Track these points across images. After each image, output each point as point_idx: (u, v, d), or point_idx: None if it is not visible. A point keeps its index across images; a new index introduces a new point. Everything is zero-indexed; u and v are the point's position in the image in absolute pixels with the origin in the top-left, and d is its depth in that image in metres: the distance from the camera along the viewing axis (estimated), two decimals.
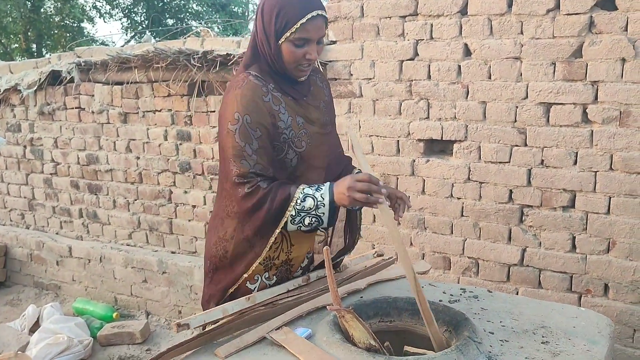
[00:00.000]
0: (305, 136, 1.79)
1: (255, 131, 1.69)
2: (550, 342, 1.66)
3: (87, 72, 4.07)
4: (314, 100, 1.88)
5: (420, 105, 2.90)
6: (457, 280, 2.95)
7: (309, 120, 1.82)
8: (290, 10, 1.66)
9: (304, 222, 1.69)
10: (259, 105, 1.70)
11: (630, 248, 2.52)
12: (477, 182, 2.82)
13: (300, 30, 1.67)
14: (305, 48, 1.70)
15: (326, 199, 1.67)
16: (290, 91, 1.79)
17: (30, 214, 4.76)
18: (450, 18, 2.75)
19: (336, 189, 1.66)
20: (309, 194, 1.68)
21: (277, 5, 1.68)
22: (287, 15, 1.66)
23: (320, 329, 1.68)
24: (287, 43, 1.70)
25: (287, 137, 1.75)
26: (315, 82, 1.92)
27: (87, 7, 17.07)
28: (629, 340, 2.59)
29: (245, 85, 1.71)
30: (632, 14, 2.37)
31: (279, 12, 1.67)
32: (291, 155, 1.77)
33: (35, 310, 3.84)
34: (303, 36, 1.68)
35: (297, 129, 1.77)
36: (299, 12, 1.66)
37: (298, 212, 1.68)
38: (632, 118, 2.43)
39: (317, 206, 1.67)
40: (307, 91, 1.86)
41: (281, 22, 1.67)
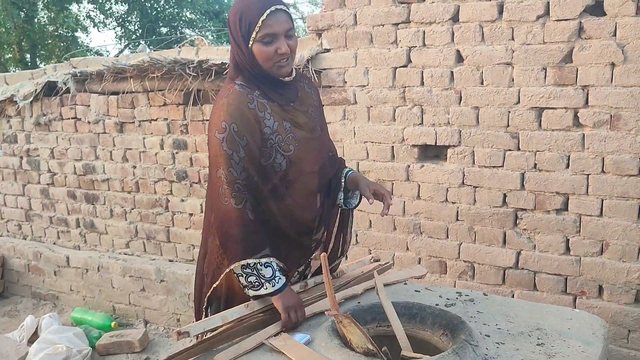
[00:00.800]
0: (293, 140, 1.83)
1: (242, 139, 1.74)
2: (546, 343, 1.68)
3: (83, 83, 4.09)
4: (302, 105, 1.91)
5: (414, 111, 2.93)
6: (454, 284, 2.98)
7: (296, 125, 1.85)
8: (250, 12, 1.73)
9: (248, 277, 1.79)
10: (245, 113, 1.75)
11: (623, 250, 2.55)
12: (471, 186, 2.85)
13: (263, 27, 1.72)
14: (275, 44, 1.75)
15: (278, 285, 1.80)
16: (276, 97, 1.83)
17: (28, 224, 4.77)
18: (442, 25, 2.79)
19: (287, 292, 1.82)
20: (272, 266, 1.80)
21: (238, 12, 1.76)
22: (249, 18, 1.73)
23: (318, 334, 1.70)
24: (257, 44, 1.75)
25: (274, 141, 1.80)
26: (302, 88, 1.95)
27: (81, 17, 17.07)
28: (624, 341, 2.62)
29: (231, 95, 1.77)
30: (620, 19, 2.41)
31: (240, 17, 1.75)
32: (280, 160, 1.81)
33: (33, 321, 3.84)
34: (267, 32, 1.73)
35: (284, 133, 1.81)
36: (258, 11, 1.72)
37: (254, 268, 1.78)
38: (622, 121, 2.47)
39: (269, 279, 1.78)
40: (294, 97, 1.89)
41: (245, 26, 1.74)
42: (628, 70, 2.42)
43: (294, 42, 1.79)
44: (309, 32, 3.22)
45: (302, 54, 3.11)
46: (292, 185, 1.86)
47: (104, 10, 16.59)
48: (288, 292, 1.82)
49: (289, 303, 1.79)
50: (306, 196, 1.91)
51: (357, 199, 2.11)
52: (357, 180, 2.04)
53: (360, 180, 2.03)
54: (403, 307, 1.82)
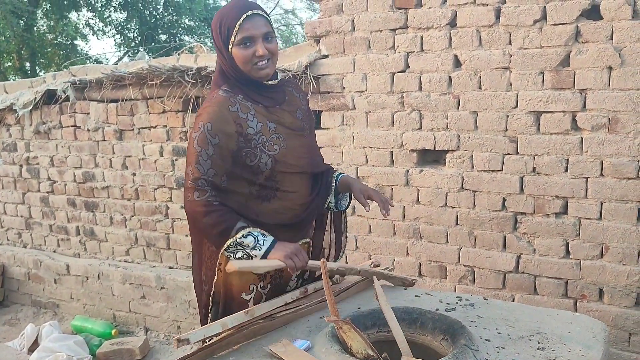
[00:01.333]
0: (278, 140, 1.88)
1: (214, 137, 1.79)
2: (546, 347, 1.68)
3: (82, 91, 4.10)
4: (290, 107, 1.97)
5: (412, 116, 2.94)
6: (454, 289, 2.97)
7: (282, 125, 1.90)
8: (229, 18, 1.82)
9: (235, 254, 1.79)
10: (223, 114, 1.81)
11: (623, 252, 2.55)
12: (470, 190, 2.86)
13: (240, 31, 1.80)
14: (253, 47, 1.82)
15: (265, 245, 1.79)
16: (260, 100, 1.89)
17: (27, 232, 4.77)
18: (440, 30, 2.80)
19: (279, 245, 1.80)
20: (252, 234, 1.79)
21: (218, 19, 1.85)
22: (227, 23, 1.82)
23: (319, 340, 1.70)
24: (235, 48, 1.82)
25: (258, 142, 1.84)
26: (290, 92, 2.01)
27: (80, 25, 17.12)
28: (625, 345, 2.62)
29: (213, 100, 1.84)
30: (616, 23, 2.42)
31: (220, 24, 1.84)
32: (265, 159, 1.85)
33: (33, 329, 3.84)
34: (244, 35, 1.80)
35: (269, 133, 1.86)
36: (236, 15, 1.81)
37: (236, 244, 1.79)
38: (620, 124, 2.47)
39: (253, 247, 1.79)
40: (281, 100, 1.95)
41: (224, 31, 1.82)
42: (625, 73, 2.43)
43: (273, 45, 1.86)
44: (307, 38, 3.23)
45: (300, 60, 3.13)
46: (283, 187, 1.91)
47: (103, 18, 16.64)
48: (279, 245, 1.81)
49: (285, 252, 1.78)
50: (295, 196, 1.94)
51: (347, 200, 2.15)
52: (349, 184, 2.08)
53: (353, 185, 2.06)
54: (403, 312, 1.82)
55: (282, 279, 1.99)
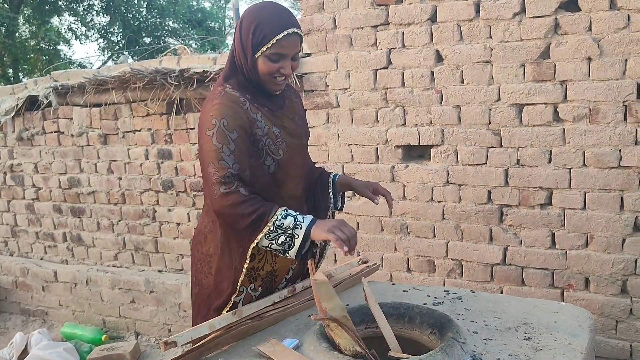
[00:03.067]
0: (283, 145, 1.85)
1: (232, 133, 1.72)
2: (533, 337, 1.69)
3: (65, 96, 4.06)
4: (290, 113, 1.95)
5: (396, 112, 2.94)
6: (442, 283, 2.99)
7: (286, 130, 1.88)
8: (268, 26, 1.73)
9: (278, 240, 1.70)
10: (237, 110, 1.75)
11: (607, 241, 2.58)
12: (456, 184, 2.87)
13: (275, 45, 1.74)
14: (280, 63, 1.77)
15: (306, 222, 1.69)
16: (266, 103, 1.85)
17: (14, 240, 4.72)
18: (421, 26, 2.81)
19: (319, 222, 1.70)
20: (291, 214, 1.71)
21: (255, 20, 1.75)
22: (264, 31, 1.73)
23: (307, 338, 1.70)
24: (263, 57, 1.76)
25: (265, 144, 1.80)
26: (290, 97, 1.99)
27: (62, 30, 16.99)
28: (612, 332, 2.64)
29: (223, 96, 1.77)
30: (594, 14, 2.44)
31: (256, 27, 1.74)
32: (269, 162, 1.82)
33: (23, 338, 3.81)
34: (278, 51, 1.75)
35: (274, 137, 1.82)
36: (276, 28, 1.73)
37: (276, 227, 1.69)
38: (601, 115, 2.50)
39: (295, 226, 1.68)
40: (282, 104, 1.93)
41: (258, 37, 1.74)
42: (604, 64, 2.45)
43: (296, 63, 1.83)
44: None
45: None
46: (280, 189, 1.88)
47: (86, 22, 16.53)
48: (320, 222, 1.70)
49: (328, 226, 1.66)
50: (294, 201, 1.93)
51: (342, 200, 2.16)
52: (349, 182, 2.09)
53: (354, 182, 2.08)
54: (391, 308, 1.82)
55: (273, 282, 1.98)
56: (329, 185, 2.11)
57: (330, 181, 2.11)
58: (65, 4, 15.90)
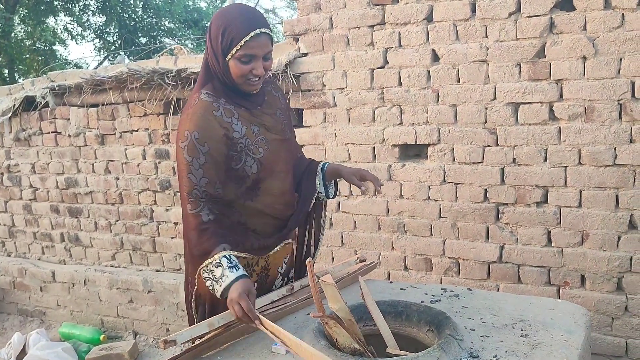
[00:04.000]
0: (263, 143, 1.88)
1: (203, 146, 1.76)
2: (529, 334, 1.71)
3: (62, 96, 4.07)
4: (269, 108, 1.96)
5: (393, 111, 2.96)
6: (440, 281, 3.00)
7: (265, 128, 1.90)
8: (235, 29, 1.75)
9: (207, 281, 1.78)
10: (209, 121, 1.78)
11: (603, 239, 2.60)
12: (452, 183, 2.89)
13: (244, 47, 1.75)
14: (252, 64, 1.78)
15: (225, 283, 1.72)
16: (243, 103, 1.87)
17: (11, 241, 4.72)
18: (417, 25, 2.82)
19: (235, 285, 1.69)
20: (222, 264, 1.73)
21: (222, 24, 1.77)
22: (232, 34, 1.75)
23: (306, 336, 1.71)
24: (234, 60, 1.78)
25: (244, 145, 1.83)
26: (270, 92, 2.00)
27: (58, 30, 16.94)
28: (608, 329, 2.66)
29: (196, 104, 1.80)
30: (589, 14, 2.46)
31: (224, 30, 1.76)
32: (250, 162, 1.85)
33: (21, 338, 3.81)
34: (247, 52, 1.76)
35: (253, 136, 1.85)
36: (243, 30, 1.74)
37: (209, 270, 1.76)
38: (596, 113, 2.52)
39: (218, 279, 1.73)
40: (261, 101, 1.94)
41: (227, 40, 1.76)
42: (599, 63, 2.47)
43: (269, 63, 1.84)
44: (286, 37, 3.24)
45: (279, 58, 3.13)
46: (264, 187, 1.91)
47: (82, 22, 16.47)
48: (235, 285, 1.70)
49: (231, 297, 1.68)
50: (280, 195, 1.95)
51: (334, 188, 2.17)
52: (338, 170, 2.09)
53: (342, 169, 2.08)
54: (388, 306, 1.84)
55: (267, 277, 2.00)
56: (317, 174, 2.10)
57: (319, 170, 2.10)
58: (61, 4, 15.85)
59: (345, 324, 1.56)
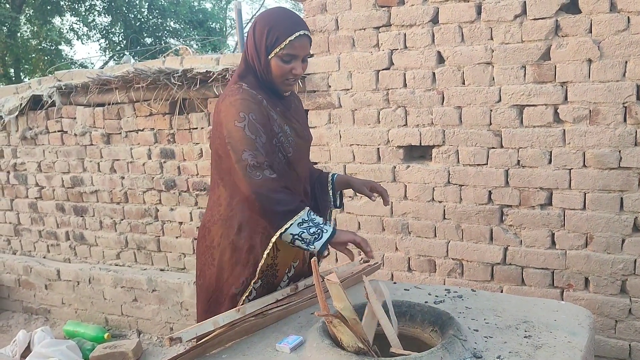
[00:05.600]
0: (293, 143, 1.94)
1: (262, 127, 1.83)
2: (533, 335, 1.72)
3: (68, 95, 4.09)
4: (296, 115, 2.05)
5: (397, 112, 2.97)
6: (443, 282, 3.01)
7: (294, 131, 1.98)
8: (281, 29, 1.85)
9: (310, 229, 1.80)
10: (260, 107, 1.85)
11: (607, 242, 2.60)
12: (457, 185, 2.89)
13: (288, 46, 1.85)
14: (292, 64, 1.88)
15: (332, 225, 1.86)
16: (277, 103, 1.95)
17: (17, 239, 4.75)
18: (423, 27, 2.83)
19: (341, 231, 1.87)
20: (318, 216, 1.85)
21: (268, 24, 1.87)
22: (277, 33, 1.85)
23: (310, 335, 1.73)
24: (276, 58, 1.86)
25: (278, 141, 1.90)
26: (293, 101, 2.09)
27: (64, 30, 17.02)
28: (612, 332, 2.66)
29: (243, 93, 1.86)
30: (595, 17, 2.46)
31: (270, 30, 1.85)
32: (280, 158, 1.91)
33: (25, 336, 3.82)
34: (290, 52, 1.86)
35: (286, 136, 1.92)
36: (288, 30, 1.85)
37: (310, 219, 1.81)
38: (601, 116, 2.52)
39: (324, 223, 1.83)
40: (290, 107, 2.03)
41: (272, 38, 1.85)
42: (604, 65, 2.47)
43: (306, 65, 1.93)
44: None
45: None
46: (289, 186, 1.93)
47: (87, 22, 16.56)
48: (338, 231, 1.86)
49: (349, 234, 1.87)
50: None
51: (340, 198, 2.26)
52: (347, 181, 2.19)
53: (352, 180, 2.19)
54: (393, 305, 1.84)
55: (274, 277, 2.01)
56: (329, 184, 2.19)
57: (330, 180, 2.20)
58: (67, 4, 15.93)
59: (350, 323, 1.57)
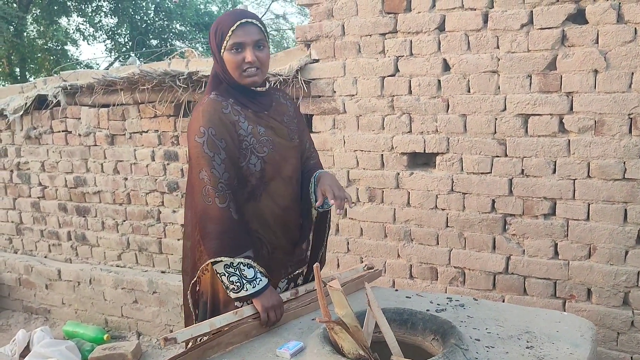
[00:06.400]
0: (268, 143, 1.94)
1: (221, 142, 1.85)
2: (535, 346, 1.71)
3: (73, 96, 4.09)
4: (276, 114, 2.03)
5: (402, 119, 2.96)
6: (445, 290, 3.00)
7: (272, 130, 1.97)
8: (224, 25, 1.90)
9: (230, 277, 1.83)
10: (221, 118, 1.86)
11: (610, 253, 2.59)
12: (460, 193, 2.88)
13: (232, 37, 1.87)
14: (243, 53, 1.88)
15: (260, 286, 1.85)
16: (249, 105, 1.95)
17: (18, 238, 4.75)
18: (429, 34, 2.83)
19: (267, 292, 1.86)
20: (255, 267, 1.85)
21: (215, 26, 1.93)
22: (222, 28, 1.90)
23: (311, 342, 1.72)
24: (227, 53, 1.89)
25: (249, 143, 1.90)
26: (277, 99, 2.08)
27: (70, 30, 17.07)
28: (613, 344, 2.65)
29: (206, 103, 1.90)
30: (602, 27, 2.46)
31: (216, 30, 1.92)
32: (254, 160, 1.90)
33: (25, 335, 3.82)
34: (236, 41, 1.87)
35: (258, 136, 1.92)
36: (230, 22, 1.88)
37: (238, 268, 1.82)
38: (606, 127, 2.51)
39: (250, 281, 1.83)
40: (268, 106, 2.01)
41: (218, 35, 1.91)
42: (610, 76, 2.47)
43: (263, 53, 1.92)
44: (297, 43, 3.26)
45: (291, 64, 3.15)
46: (269, 188, 1.95)
47: (94, 23, 16.60)
48: (268, 292, 1.87)
49: (268, 304, 1.85)
50: (283, 201, 1.98)
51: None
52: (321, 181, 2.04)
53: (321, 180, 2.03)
54: (394, 313, 1.84)
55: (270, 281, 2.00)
56: (311, 184, 2.08)
57: (312, 180, 2.08)
58: (74, 4, 15.98)
59: (351, 330, 1.56)
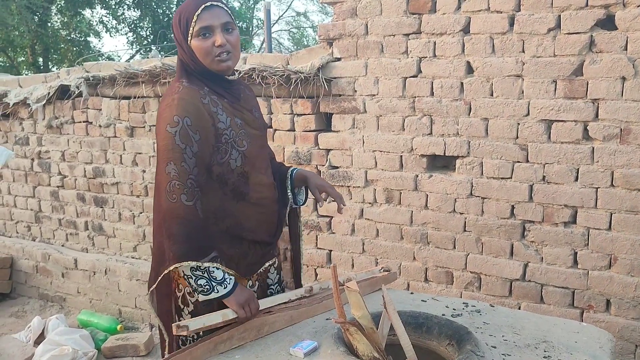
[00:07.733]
0: (245, 136, 1.85)
1: (196, 134, 1.73)
2: (552, 356, 1.68)
3: (95, 87, 4.13)
4: (247, 105, 1.94)
5: (423, 121, 2.94)
6: (460, 295, 2.97)
7: (246, 122, 1.88)
8: (187, 10, 1.78)
9: (198, 280, 1.72)
10: (199, 108, 1.75)
11: (631, 264, 2.54)
12: (479, 197, 2.85)
13: (198, 21, 1.76)
14: (212, 38, 1.77)
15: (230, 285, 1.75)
16: (224, 94, 1.85)
17: (37, 226, 4.80)
18: (453, 36, 2.80)
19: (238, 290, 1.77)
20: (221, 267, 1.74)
21: (178, 13, 1.82)
22: (186, 15, 1.78)
23: (325, 341, 1.71)
24: (195, 39, 1.78)
25: (229, 137, 1.80)
26: (243, 91, 1.98)
27: (93, 22, 17.25)
28: (631, 357, 2.60)
29: (182, 91, 1.77)
30: (631, 34, 2.41)
31: (179, 17, 1.80)
32: (235, 155, 1.81)
33: (40, 322, 3.87)
34: (202, 25, 1.76)
35: (237, 128, 1.83)
36: (194, 7, 1.77)
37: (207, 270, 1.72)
38: (632, 135, 2.47)
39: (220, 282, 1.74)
40: (239, 97, 1.93)
41: (183, 23, 1.79)
42: (639, 84, 2.42)
43: (233, 36, 1.81)
44: (319, 41, 3.24)
45: (313, 62, 3.14)
46: (253, 181, 1.88)
47: (117, 15, 16.75)
48: (238, 290, 1.78)
49: (242, 300, 1.77)
50: (263, 195, 1.92)
51: (304, 195, 2.13)
52: (305, 177, 2.05)
53: (310, 179, 2.04)
54: (409, 317, 1.82)
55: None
56: (287, 180, 2.06)
57: (288, 176, 2.07)
58: None
59: (367, 331, 1.55)
